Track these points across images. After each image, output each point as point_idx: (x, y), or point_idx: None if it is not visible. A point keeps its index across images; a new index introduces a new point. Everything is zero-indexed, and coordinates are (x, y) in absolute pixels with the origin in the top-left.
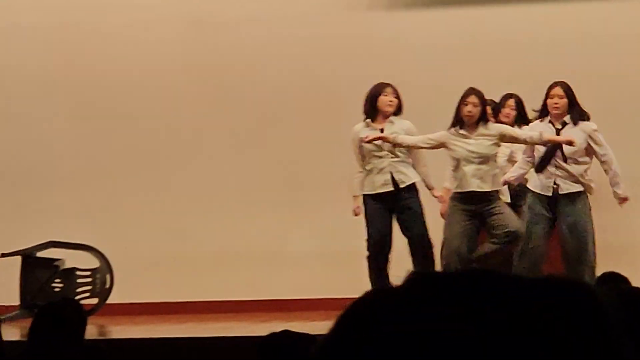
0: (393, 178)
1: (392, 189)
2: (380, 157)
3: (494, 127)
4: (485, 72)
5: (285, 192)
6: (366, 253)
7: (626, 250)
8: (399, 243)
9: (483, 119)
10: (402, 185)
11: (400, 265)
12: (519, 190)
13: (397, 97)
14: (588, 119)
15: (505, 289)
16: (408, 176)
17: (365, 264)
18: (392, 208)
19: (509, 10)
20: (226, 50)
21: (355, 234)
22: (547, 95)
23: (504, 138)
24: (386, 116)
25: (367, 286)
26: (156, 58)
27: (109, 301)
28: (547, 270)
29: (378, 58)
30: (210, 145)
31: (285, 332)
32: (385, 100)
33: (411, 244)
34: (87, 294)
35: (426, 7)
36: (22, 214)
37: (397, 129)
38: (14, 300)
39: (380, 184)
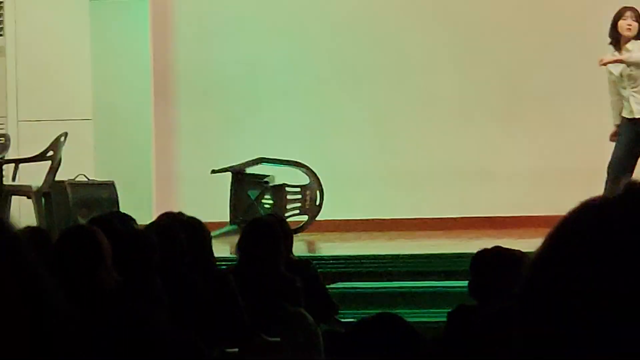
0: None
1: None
2: (623, 86)
3: None
4: None
5: (501, 106)
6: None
7: None
8: None
9: None
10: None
11: None
12: None
13: (637, 20)
14: None
15: None
16: None
17: (575, 182)
18: None
19: None
20: None
21: (565, 152)
22: None
23: None
24: (626, 41)
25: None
26: None
27: (318, 218)
28: None
29: None
30: (424, 62)
31: (497, 248)
32: (624, 25)
33: None
34: (297, 211)
35: None
36: (233, 130)
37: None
38: (224, 216)
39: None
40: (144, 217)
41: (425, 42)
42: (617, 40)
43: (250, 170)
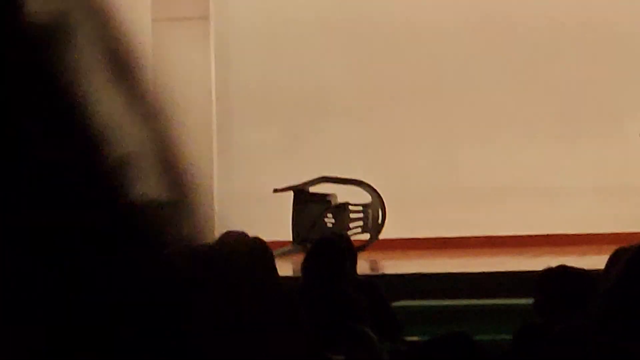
0: None
1: None
2: None
3: None
4: None
5: (561, 124)
6: None
7: None
8: None
9: None
10: None
11: None
12: None
13: None
14: None
15: None
16: None
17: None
18: None
19: None
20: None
21: (630, 168)
22: None
23: None
24: None
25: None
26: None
27: (381, 236)
28: None
29: None
30: (484, 78)
31: (563, 267)
32: None
33: None
34: (359, 230)
35: None
36: (296, 148)
37: None
38: (287, 235)
39: None
40: (207, 236)
41: (486, 61)
42: None
43: (312, 189)
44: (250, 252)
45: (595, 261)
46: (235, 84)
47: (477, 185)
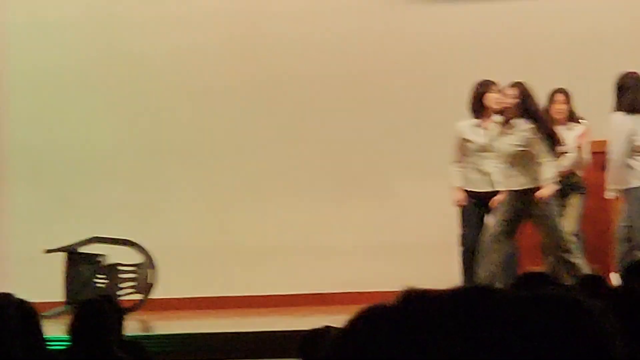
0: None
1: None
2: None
3: None
4: (524, 64)
5: (331, 183)
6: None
7: None
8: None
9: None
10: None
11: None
12: None
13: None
14: None
15: (497, 308)
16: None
17: (406, 257)
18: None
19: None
20: (274, 43)
21: (398, 227)
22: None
23: None
24: (491, 114)
25: (409, 279)
26: (198, 52)
27: (152, 296)
28: None
29: (416, 51)
30: (254, 138)
31: (327, 328)
32: (493, 98)
33: None
34: (131, 290)
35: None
36: (66, 210)
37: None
38: (58, 296)
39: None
40: None
41: (255, 119)
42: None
43: (84, 249)
44: (15, 314)
45: None
46: (3, 145)
47: (246, 245)
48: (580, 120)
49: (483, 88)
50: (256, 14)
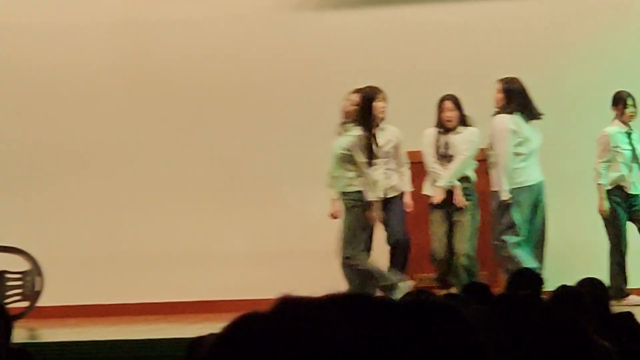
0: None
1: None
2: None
3: None
4: (414, 69)
5: (217, 192)
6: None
7: None
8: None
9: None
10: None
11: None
12: None
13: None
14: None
15: (373, 315)
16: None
17: (293, 264)
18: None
19: (436, 9)
20: (157, 51)
21: (286, 235)
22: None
23: None
24: (378, 123)
25: (295, 287)
26: (86, 59)
27: (39, 304)
28: None
29: (307, 58)
30: (144, 146)
31: (212, 335)
32: (380, 107)
33: None
34: (18, 297)
35: (353, 8)
36: None
37: (391, 136)
38: None
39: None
40: None
41: (144, 128)
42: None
43: None
44: None
45: None
46: None
47: (134, 252)
48: (467, 126)
49: (371, 96)
50: (142, 22)
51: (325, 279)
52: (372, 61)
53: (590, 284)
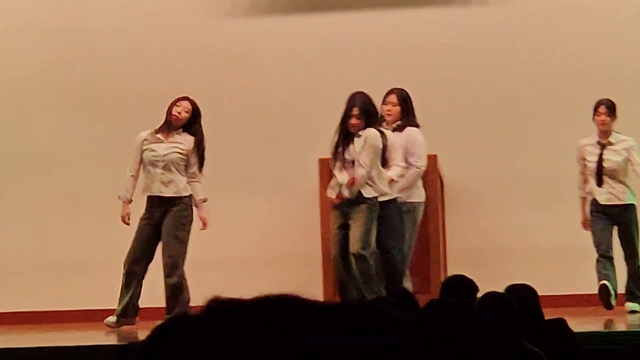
0: None
1: None
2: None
3: None
4: (346, 76)
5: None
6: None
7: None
8: None
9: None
10: None
11: None
12: None
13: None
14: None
15: (304, 316)
16: None
17: (230, 270)
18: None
19: (367, 16)
20: (86, 59)
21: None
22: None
23: None
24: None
25: (231, 292)
26: (15, 65)
27: None
28: None
29: (238, 65)
30: (72, 153)
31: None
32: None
33: None
34: None
35: (284, 14)
36: None
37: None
38: None
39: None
40: None
41: (73, 135)
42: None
43: None
44: None
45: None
46: None
47: (67, 259)
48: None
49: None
50: (75, 27)
51: (262, 284)
52: (305, 67)
53: (520, 290)
